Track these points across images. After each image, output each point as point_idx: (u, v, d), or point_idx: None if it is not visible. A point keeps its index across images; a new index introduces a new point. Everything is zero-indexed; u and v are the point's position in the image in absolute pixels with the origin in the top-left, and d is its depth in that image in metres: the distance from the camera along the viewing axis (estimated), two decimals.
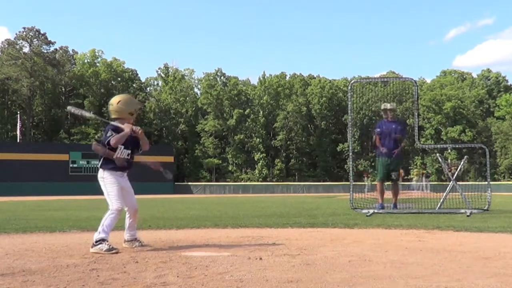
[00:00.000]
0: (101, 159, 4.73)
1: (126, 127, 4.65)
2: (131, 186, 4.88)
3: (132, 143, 4.79)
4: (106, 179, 4.69)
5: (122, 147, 4.71)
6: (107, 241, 4.50)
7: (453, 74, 70.87)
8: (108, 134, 4.64)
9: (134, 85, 63.80)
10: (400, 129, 10.40)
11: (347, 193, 12.91)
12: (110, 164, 4.71)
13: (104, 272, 3.48)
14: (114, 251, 4.42)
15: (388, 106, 10.33)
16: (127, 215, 4.88)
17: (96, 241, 4.49)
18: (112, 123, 4.75)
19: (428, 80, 69.48)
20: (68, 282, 3.16)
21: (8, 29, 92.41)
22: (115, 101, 4.79)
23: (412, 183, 34.75)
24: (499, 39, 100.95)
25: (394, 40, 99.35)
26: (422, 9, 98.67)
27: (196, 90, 67.52)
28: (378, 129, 10.33)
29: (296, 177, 60.68)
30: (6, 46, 56.25)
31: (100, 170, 4.75)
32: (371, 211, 9.45)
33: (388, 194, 10.77)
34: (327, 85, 63.34)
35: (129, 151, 4.79)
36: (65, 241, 5.45)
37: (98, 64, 62.25)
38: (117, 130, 4.66)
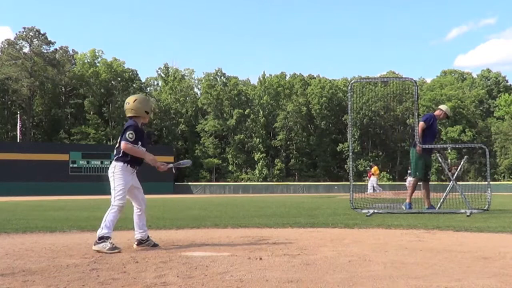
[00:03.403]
0: (120, 153, 4.70)
1: (152, 160, 4.76)
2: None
3: (145, 141, 4.85)
4: (116, 173, 4.66)
5: (140, 143, 4.74)
6: (111, 239, 4.49)
7: (453, 74, 70.89)
8: (129, 135, 4.65)
9: (134, 85, 63.76)
10: None
11: (347, 193, 12.90)
12: (127, 156, 4.69)
13: (104, 272, 3.48)
14: (116, 251, 4.42)
15: (449, 111, 10.77)
16: (137, 212, 4.85)
17: (100, 238, 4.47)
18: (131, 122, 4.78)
19: (429, 80, 69.55)
20: (68, 282, 3.16)
21: (11, 28, 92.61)
22: (131, 100, 4.83)
23: (367, 183, 27.25)
24: (502, 38, 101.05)
25: (394, 40, 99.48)
26: (423, 8, 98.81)
27: (196, 90, 67.58)
28: (426, 120, 10.21)
29: (296, 177, 60.66)
30: (6, 46, 56.22)
31: (113, 163, 4.72)
32: (371, 211, 9.45)
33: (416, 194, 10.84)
34: (327, 85, 63.30)
35: (144, 149, 4.83)
36: (65, 241, 5.45)
37: (98, 64, 62.24)
38: (137, 131, 4.70)
